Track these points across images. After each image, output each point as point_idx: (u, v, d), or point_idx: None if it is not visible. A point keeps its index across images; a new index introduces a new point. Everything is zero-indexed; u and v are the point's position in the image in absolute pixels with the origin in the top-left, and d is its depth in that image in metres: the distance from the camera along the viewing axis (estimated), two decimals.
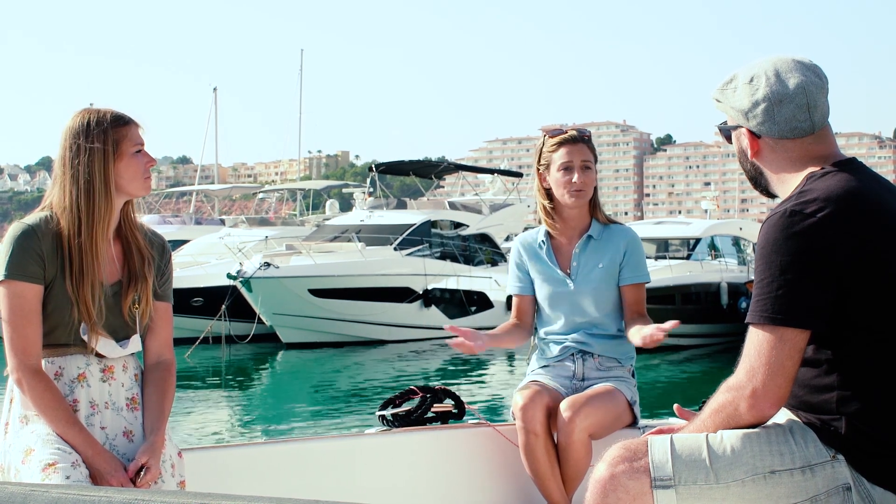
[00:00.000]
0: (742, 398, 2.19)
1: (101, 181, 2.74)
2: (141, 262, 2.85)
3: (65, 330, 2.73)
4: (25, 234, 2.71)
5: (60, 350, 2.75)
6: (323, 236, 25.87)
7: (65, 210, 2.74)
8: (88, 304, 2.71)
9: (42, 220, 2.75)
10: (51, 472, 2.53)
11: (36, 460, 2.57)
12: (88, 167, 2.73)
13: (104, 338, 2.76)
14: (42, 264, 2.70)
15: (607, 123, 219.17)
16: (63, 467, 2.54)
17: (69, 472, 2.54)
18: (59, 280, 2.72)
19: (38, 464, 2.56)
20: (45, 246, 2.71)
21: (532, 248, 3.76)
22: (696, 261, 22.52)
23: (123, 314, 2.80)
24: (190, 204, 46.72)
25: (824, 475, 2.17)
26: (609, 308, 3.67)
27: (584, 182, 3.62)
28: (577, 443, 3.40)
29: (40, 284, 2.70)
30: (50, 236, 2.73)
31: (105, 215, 2.75)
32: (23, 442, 2.65)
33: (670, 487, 2.16)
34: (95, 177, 2.73)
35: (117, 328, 2.80)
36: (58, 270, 2.72)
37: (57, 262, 2.72)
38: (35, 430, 2.67)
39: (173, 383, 2.91)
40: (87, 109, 2.81)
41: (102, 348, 2.77)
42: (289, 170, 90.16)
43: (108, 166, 2.75)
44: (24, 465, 2.60)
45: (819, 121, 2.29)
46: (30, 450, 2.62)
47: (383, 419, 3.66)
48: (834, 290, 2.14)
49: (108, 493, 1.32)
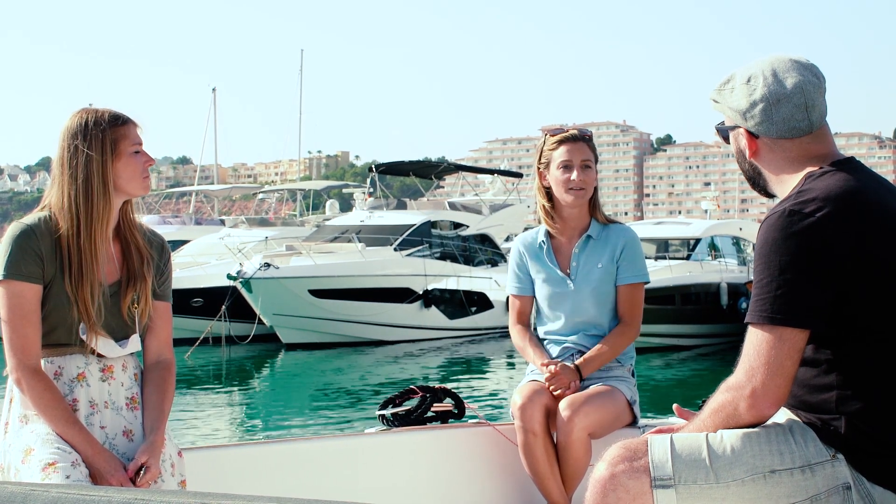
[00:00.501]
0: (741, 398, 2.19)
1: (100, 181, 2.74)
2: (140, 261, 2.85)
3: (64, 330, 2.73)
4: (24, 235, 2.71)
5: (60, 350, 2.75)
6: (323, 237, 25.86)
7: (63, 210, 2.74)
8: (88, 303, 2.71)
9: (41, 221, 2.75)
10: (51, 471, 2.53)
11: (36, 460, 2.58)
12: (87, 167, 2.73)
13: (103, 337, 2.76)
14: (41, 264, 2.71)
15: (607, 123, 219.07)
16: (63, 467, 2.55)
17: (69, 472, 2.54)
18: (58, 280, 2.72)
19: (37, 463, 2.56)
20: (43, 246, 2.71)
21: (532, 249, 3.76)
22: (696, 261, 22.51)
23: (122, 314, 2.81)
24: (190, 204, 46.68)
25: (824, 475, 2.17)
26: (608, 308, 3.67)
27: (583, 180, 3.62)
28: (577, 442, 3.40)
29: (39, 284, 2.71)
30: (49, 236, 2.73)
31: (104, 215, 2.75)
32: (23, 441, 2.66)
33: (670, 487, 2.16)
34: (94, 177, 2.73)
35: (116, 328, 2.80)
36: (56, 270, 2.72)
37: (56, 262, 2.72)
38: (35, 429, 2.67)
39: (173, 383, 2.92)
40: (85, 109, 2.81)
41: (102, 348, 2.77)
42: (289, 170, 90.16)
43: (106, 166, 2.75)
44: (23, 464, 2.60)
45: (817, 120, 2.30)
46: (30, 449, 2.62)
47: (383, 419, 3.66)
48: (833, 290, 2.14)
49: (109, 493, 1.32)
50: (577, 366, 3.55)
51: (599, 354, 3.58)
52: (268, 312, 21.25)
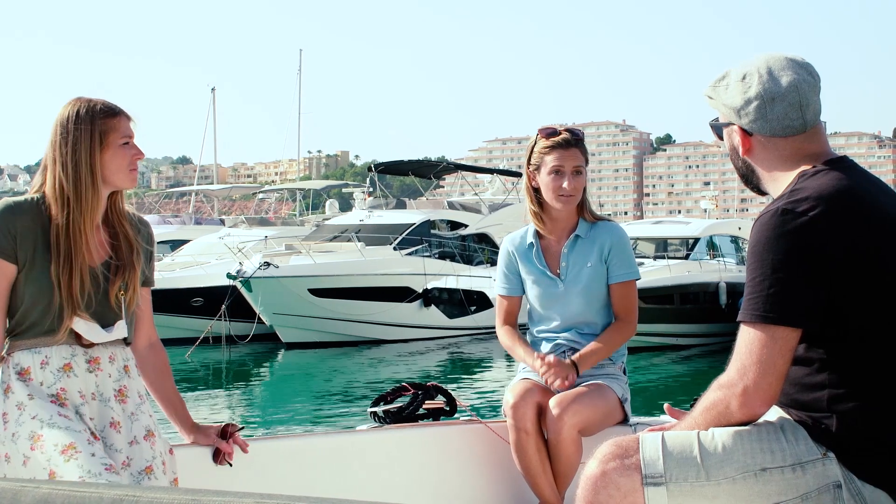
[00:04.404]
0: (733, 396, 2.19)
1: (88, 170, 2.75)
2: (129, 250, 2.87)
3: (47, 315, 2.73)
4: (2, 211, 2.72)
5: (44, 340, 2.74)
6: (322, 236, 25.87)
7: (54, 196, 2.75)
8: (74, 290, 2.71)
9: (27, 201, 2.76)
10: (71, 453, 2.55)
11: (49, 444, 2.58)
12: (75, 156, 2.75)
13: (89, 322, 2.76)
14: (13, 243, 2.71)
15: (607, 123, 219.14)
16: (82, 446, 2.57)
17: (92, 450, 2.58)
18: (40, 265, 2.72)
19: (52, 447, 2.57)
20: (20, 224, 2.72)
21: (521, 249, 3.74)
22: (694, 260, 22.48)
23: (110, 301, 2.81)
24: (189, 204, 46.75)
25: (815, 473, 2.17)
26: (599, 306, 3.66)
27: (574, 188, 3.60)
28: (567, 440, 3.40)
29: (10, 263, 2.71)
30: (31, 217, 2.73)
31: (92, 204, 2.76)
32: (26, 429, 2.64)
33: (661, 485, 2.16)
34: (82, 165, 2.75)
35: (102, 314, 2.80)
36: (32, 254, 2.72)
37: (32, 245, 2.72)
38: (36, 413, 2.66)
39: (167, 360, 3.07)
40: (79, 98, 2.83)
41: (87, 333, 2.76)
42: (288, 170, 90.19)
43: (94, 156, 2.76)
44: (34, 451, 2.60)
45: (811, 119, 2.29)
46: (37, 435, 2.61)
47: (375, 416, 3.65)
48: (825, 289, 2.14)
49: (100, 490, 1.31)
50: (573, 361, 3.54)
51: (596, 350, 3.57)
52: (268, 312, 21.26)
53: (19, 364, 2.74)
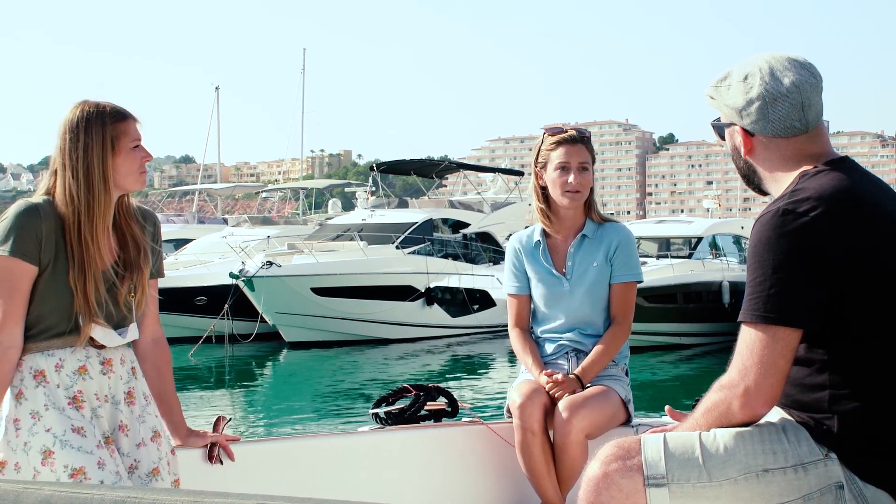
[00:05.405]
0: (734, 397, 2.18)
1: (100, 176, 2.73)
2: (137, 252, 2.86)
3: (64, 319, 2.72)
4: (28, 212, 2.70)
5: (59, 342, 2.74)
6: (325, 235, 25.85)
7: (65, 202, 2.73)
8: (90, 297, 2.70)
9: (47, 203, 2.74)
10: (81, 478, 2.55)
11: (60, 465, 2.58)
12: (87, 162, 2.72)
13: (105, 328, 2.76)
14: (38, 246, 2.69)
15: (610, 122, 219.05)
16: (92, 471, 2.58)
17: (101, 476, 2.58)
18: (59, 269, 2.71)
19: (62, 469, 2.58)
20: (45, 228, 2.70)
21: (528, 248, 3.76)
22: (697, 260, 22.45)
23: (119, 303, 2.80)
24: (193, 203, 46.74)
25: (817, 474, 2.17)
26: (603, 306, 3.67)
27: (580, 183, 3.62)
28: (574, 443, 3.40)
29: (34, 266, 2.69)
30: (52, 220, 2.72)
31: (105, 209, 2.75)
32: (39, 441, 2.63)
33: (663, 486, 2.16)
34: (94, 171, 2.72)
35: (114, 317, 2.79)
36: (53, 258, 2.70)
37: (54, 248, 2.71)
38: (51, 427, 2.65)
39: (170, 359, 3.05)
40: (85, 101, 2.80)
41: (104, 338, 2.76)
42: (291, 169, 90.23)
43: (106, 161, 2.74)
44: (44, 466, 2.60)
45: (813, 119, 2.29)
46: (49, 451, 2.61)
47: (377, 417, 3.65)
48: (826, 289, 2.14)
49: (102, 492, 1.32)
50: (577, 375, 3.55)
51: (597, 361, 3.58)
52: (270, 311, 21.26)
53: (34, 367, 2.71)
